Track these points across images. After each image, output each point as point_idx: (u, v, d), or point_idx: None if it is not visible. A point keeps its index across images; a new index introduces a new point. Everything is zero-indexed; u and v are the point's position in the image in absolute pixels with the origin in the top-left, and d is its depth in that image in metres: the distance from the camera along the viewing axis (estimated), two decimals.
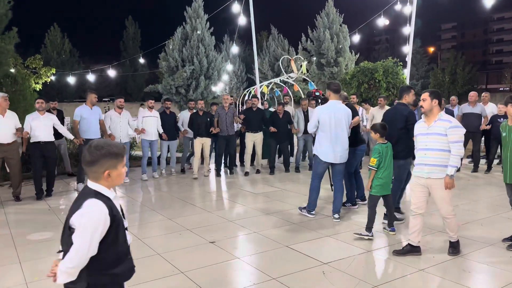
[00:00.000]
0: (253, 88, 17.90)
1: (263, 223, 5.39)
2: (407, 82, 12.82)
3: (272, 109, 10.99)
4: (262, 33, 35.41)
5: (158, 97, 24.72)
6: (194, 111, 9.11)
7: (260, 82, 18.37)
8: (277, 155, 10.41)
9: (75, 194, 7.41)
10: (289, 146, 9.65)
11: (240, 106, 16.82)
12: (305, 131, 9.22)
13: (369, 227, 4.70)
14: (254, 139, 9.19)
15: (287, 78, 18.30)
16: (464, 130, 3.92)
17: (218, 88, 19.08)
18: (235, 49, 17.90)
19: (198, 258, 4.22)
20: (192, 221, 5.55)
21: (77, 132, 7.46)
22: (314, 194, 5.58)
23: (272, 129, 9.03)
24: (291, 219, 5.56)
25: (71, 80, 20.12)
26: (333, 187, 5.63)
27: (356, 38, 16.25)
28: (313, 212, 5.59)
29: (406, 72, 13.27)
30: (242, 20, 13.01)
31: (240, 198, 6.95)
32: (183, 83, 17.75)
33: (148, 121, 8.68)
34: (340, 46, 21.76)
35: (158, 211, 6.11)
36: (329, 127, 5.32)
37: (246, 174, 9.15)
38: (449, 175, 3.91)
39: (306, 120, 9.30)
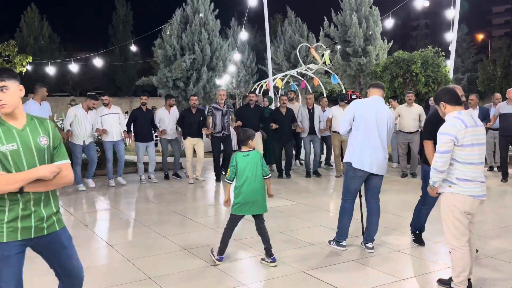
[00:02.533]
0: (265, 82, 17.91)
1: (274, 243, 5.37)
2: (451, 76, 12.72)
3: (273, 107, 11.17)
4: (277, 16, 35.53)
5: (152, 91, 24.94)
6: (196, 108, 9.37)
7: (274, 74, 18.38)
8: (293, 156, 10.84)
9: None
10: (293, 148, 10.00)
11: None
12: (311, 131, 9.70)
13: (221, 250, 4.66)
14: None
15: (306, 70, 18.30)
16: (448, 138, 3.73)
17: (223, 81, 19.17)
18: (244, 35, 17.96)
19: (197, 285, 4.21)
20: (189, 239, 5.56)
21: None
22: (345, 219, 5.17)
23: (274, 125, 9.33)
24: (308, 239, 5.53)
25: (51, 70, 20.39)
26: (366, 207, 5.48)
27: (389, 22, 16.19)
28: (343, 243, 5.18)
29: (450, 64, 13.16)
30: (252, 1, 13.04)
31: None
32: (182, 75, 17.86)
33: (108, 119, 8.88)
34: (370, 32, 21.70)
35: (150, 227, 6.13)
36: (367, 126, 4.97)
37: None
38: (430, 184, 3.93)
39: (311, 118, 9.71)
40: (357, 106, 5.10)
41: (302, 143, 10.33)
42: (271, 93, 13.34)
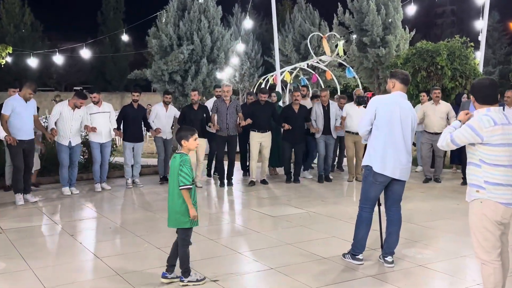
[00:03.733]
0: (272, 76, 17.92)
1: (283, 256, 5.37)
2: (481, 69, 12.68)
3: (281, 104, 11.15)
4: (285, 2, 35.57)
5: (146, 85, 24.99)
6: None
7: (281, 67, 18.38)
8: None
9: (35, 211, 7.52)
10: (304, 150, 9.99)
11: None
12: (326, 131, 9.69)
13: (186, 270, 4.50)
14: (262, 141, 9.41)
15: (318, 62, 18.31)
16: (471, 133, 3.73)
17: (225, 74, 19.17)
18: (248, 23, 17.97)
19: None
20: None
21: (6, 130, 7.60)
22: (362, 230, 5.14)
23: (286, 126, 9.33)
24: (321, 251, 5.52)
25: (33, 62, 20.44)
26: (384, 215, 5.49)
27: (411, 9, 16.16)
28: (360, 257, 5.15)
29: (479, 55, 13.12)
30: None
31: (252, 222, 6.96)
32: (179, 67, 17.87)
33: (97, 119, 8.91)
34: (390, 20, 21.64)
35: (143, 237, 6.14)
36: (390, 126, 4.93)
37: (251, 183, 9.44)
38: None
39: (326, 117, 9.70)
40: (379, 102, 5.07)
41: (313, 146, 10.19)
42: (278, 88, 13.34)
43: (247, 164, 10.29)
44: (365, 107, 9.47)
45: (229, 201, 8.62)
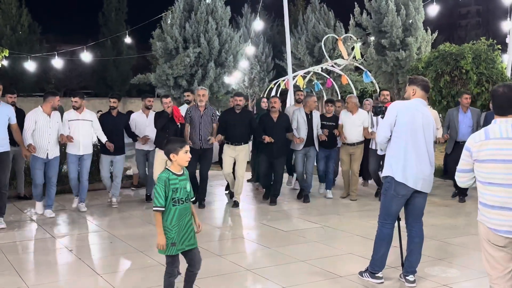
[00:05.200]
0: (283, 80, 17.94)
1: (295, 275, 5.35)
2: (508, 73, 12.60)
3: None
4: (298, 2, 35.63)
5: (149, 90, 25.11)
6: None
7: (294, 71, 18.40)
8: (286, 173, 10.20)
9: (32, 225, 7.55)
10: (284, 164, 9.38)
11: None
12: (308, 142, 9.01)
13: None
14: (236, 155, 8.78)
15: (333, 66, 18.30)
16: (465, 152, 3.65)
17: (233, 78, 19.25)
18: (258, 24, 18.02)
19: None
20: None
21: None
22: (383, 247, 5.10)
23: (267, 138, 8.55)
24: (337, 269, 5.50)
25: (30, 65, 20.65)
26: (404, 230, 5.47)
27: (433, 9, 16.12)
28: (379, 275, 5.12)
29: (507, 59, 13.04)
30: None
31: (263, 238, 6.97)
32: (185, 71, 17.96)
33: (76, 127, 8.35)
34: (410, 21, 21.64)
35: (146, 252, 6.14)
36: (412, 132, 4.92)
37: (235, 204, 8.90)
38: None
39: (310, 126, 9.07)
40: (399, 108, 5.05)
41: (295, 158, 9.39)
42: (290, 93, 13.34)
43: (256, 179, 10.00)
44: (382, 117, 9.21)
45: (236, 215, 8.57)
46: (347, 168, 9.42)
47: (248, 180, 10.54)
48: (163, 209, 4.11)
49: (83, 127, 8.37)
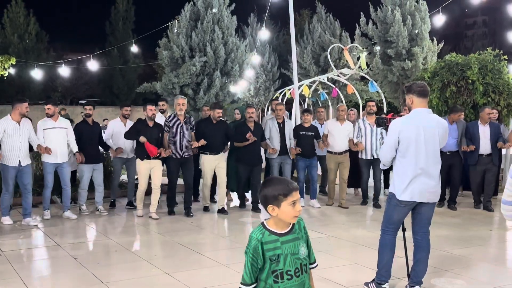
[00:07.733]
0: (289, 89, 17.94)
1: None
2: None
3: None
4: (303, 11, 35.71)
5: (155, 99, 25.17)
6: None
7: (299, 80, 18.42)
8: None
9: (37, 233, 7.56)
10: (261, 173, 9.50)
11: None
12: (282, 151, 9.29)
13: None
14: (216, 163, 8.96)
15: (338, 75, 18.31)
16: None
17: (239, 88, 19.27)
18: (264, 34, 18.08)
19: None
20: (199, 277, 5.55)
21: None
22: (386, 255, 5.11)
23: (252, 138, 8.78)
24: (343, 280, 5.48)
25: (37, 74, 20.75)
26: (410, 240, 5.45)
27: (440, 19, 16.13)
28: (385, 286, 5.12)
29: None
30: None
31: None
32: (191, 80, 18.02)
33: (51, 135, 8.27)
34: (416, 31, 21.63)
35: (150, 261, 6.13)
36: (416, 151, 4.92)
37: (206, 209, 9.11)
38: None
39: (282, 134, 9.32)
40: (401, 127, 5.02)
41: (271, 167, 9.55)
42: (295, 102, 13.34)
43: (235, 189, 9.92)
44: (385, 129, 9.25)
45: (233, 225, 8.55)
46: (334, 177, 9.61)
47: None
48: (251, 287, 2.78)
49: (60, 135, 8.36)
